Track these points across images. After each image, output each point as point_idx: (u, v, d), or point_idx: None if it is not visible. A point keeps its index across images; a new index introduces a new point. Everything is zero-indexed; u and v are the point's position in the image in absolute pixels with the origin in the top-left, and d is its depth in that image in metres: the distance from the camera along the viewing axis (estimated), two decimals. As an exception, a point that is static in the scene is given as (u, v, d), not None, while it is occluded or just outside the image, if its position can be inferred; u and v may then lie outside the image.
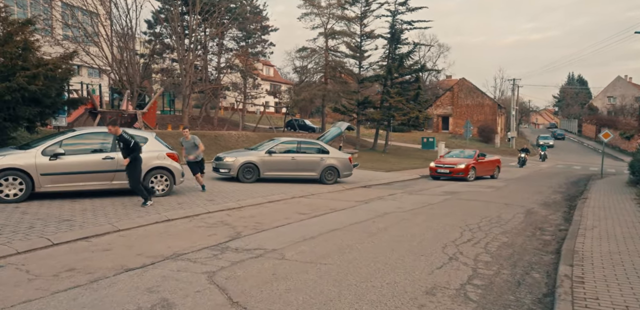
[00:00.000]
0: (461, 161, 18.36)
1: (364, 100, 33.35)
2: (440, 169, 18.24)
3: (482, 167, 19.05)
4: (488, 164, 19.70)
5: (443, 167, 18.23)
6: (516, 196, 13.05)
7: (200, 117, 39.29)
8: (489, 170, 19.74)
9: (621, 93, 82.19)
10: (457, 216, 8.77)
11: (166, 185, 9.82)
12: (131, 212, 8.00)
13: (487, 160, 19.67)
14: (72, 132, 9.19)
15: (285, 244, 6.12)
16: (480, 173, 18.87)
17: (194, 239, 6.44)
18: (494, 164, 20.25)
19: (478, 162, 18.77)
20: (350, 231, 7.02)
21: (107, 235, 6.61)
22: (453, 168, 17.94)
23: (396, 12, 33.86)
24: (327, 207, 9.67)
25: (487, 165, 19.55)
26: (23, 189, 8.39)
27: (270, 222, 7.82)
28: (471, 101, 55.91)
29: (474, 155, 19.25)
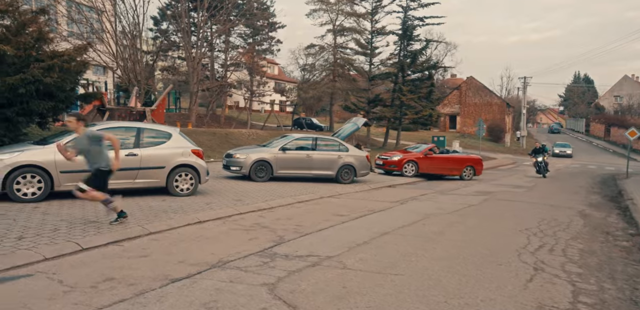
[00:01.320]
0: (401, 154, 16.87)
1: (375, 98, 32.75)
2: (378, 160, 17.13)
3: (432, 164, 16.72)
4: (444, 161, 17.15)
5: (380, 158, 17.03)
6: (555, 197, 12.46)
7: (207, 115, 38.69)
8: (450, 169, 17.25)
9: (628, 92, 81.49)
10: (510, 219, 8.16)
11: (191, 184, 9.22)
12: (159, 213, 7.40)
13: (442, 157, 17.21)
14: (94, 127, 8.58)
15: (338, 250, 5.53)
16: (430, 170, 16.67)
17: (235, 244, 5.85)
18: (460, 162, 17.53)
19: (425, 157, 16.53)
20: (403, 236, 6.42)
21: (138, 238, 6.03)
22: (387, 160, 16.64)
23: (407, 8, 33.21)
24: (363, 208, 9.08)
25: (442, 162, 17.03)
26: (42, 187, 7.80)
27: (311, 224, 7.22)
28: (479, 100, 55.23)
29: (423, 149, 17.14)
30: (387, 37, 34.34)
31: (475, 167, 17.77)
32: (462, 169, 17.42)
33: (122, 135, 8.73)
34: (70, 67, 10.89)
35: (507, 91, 72.89)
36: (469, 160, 17.89)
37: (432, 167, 16.80)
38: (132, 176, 8.58)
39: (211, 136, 24.42)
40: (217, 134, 24.86)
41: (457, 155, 18.26)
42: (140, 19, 27.22)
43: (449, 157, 17.66)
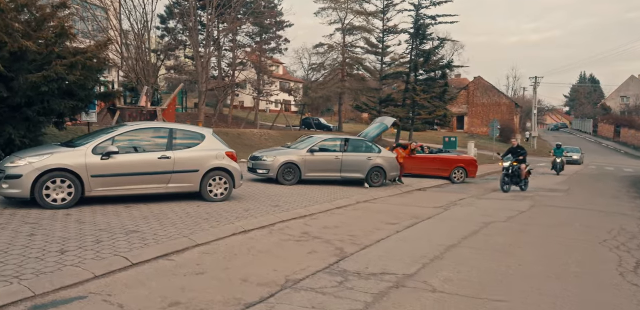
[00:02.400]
0: None
1: (387, 97, 32.23)
2: None
3: (417, 164, 15.43)
4: (430, 161, 16.01)
5: None
6: (599, 202, 12.03)
7: (215, 115, 38.17)
8: (436, 170, 16.01)
9: (635, 93, 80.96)
10: (574, 228, 7.61)
11: (225, 189, 8.69)
12: (200, 221, 6.89)
13: (427, 157, 16.15)
14: (125, 127, 8.08)
15: (413, 267, 5.01)
16: (414, 170, 15.36)
17: (296, 259, 5.33)
18: (449, 163, 16.16)
19: (409, 157, 14.78)
20: (474, 249, 5.90)
21: (187, 251, 5.51)
22: None
23: (420, 6, 32.67)
24: (407, 214, 8.56)
25: (427, 162, 15.91)
26: (72, 193, 7.27)
27: (364, 234, 6.71)
28: (487, 100, 54.75)
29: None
30: (399, 36, 33.77)
31: (467, 168, 16.23)
32: (450, 170, 16.05)
33: (157, 136, 8.23)
34: (92, 65, 10.39)
35: (514, 91, 72.42)
36: (459, 161, 16.46)
37: (416, 168, 15.51)
38: (166, 180, 8.06)
39: (224, 136, 23.84)
40: (229, 135, 24.38)
41: (446, 156, 16.82)
42: (149, 17, 26.72)
43: (436, 157, 16.49)
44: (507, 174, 13.39)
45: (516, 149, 14.00)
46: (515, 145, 14.26)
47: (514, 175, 13.47)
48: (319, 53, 38.21)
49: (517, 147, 14.09)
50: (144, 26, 26.92)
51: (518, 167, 13.61)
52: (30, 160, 7.09)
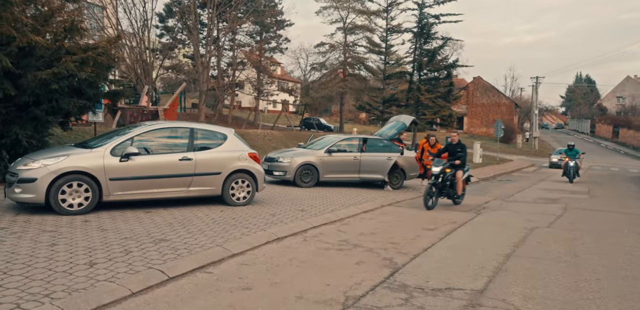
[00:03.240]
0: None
1: (390, 97, 31.87)
2: None
3: None
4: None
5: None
6: (627, 204, 11.75)
7: (215, 115, 37.63)
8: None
9: (631, 93, 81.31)
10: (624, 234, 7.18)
11: (248, 193, 8.22)
12: (228, 227, 6.42)
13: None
14: (143, 127, 7.58)
15: (478, 281, 4.58)
16: None
17: (345, 270, 4.89)
18: None
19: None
20: (533, 258, 5.47)
21: (224, 262, 5.05)
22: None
23: (423, 5, 32.40)
24: (441, 219, 8.14)
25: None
26: (89, 197, 6.78)
27: (406, 241, 6.27)
28: (487, 100, 54.54)
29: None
30: (402, 35, 33.38)
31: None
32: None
33: (177, 136, 7.75)
34: (103, 61, 9.87)
35: (512, 92, 72.39)
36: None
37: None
38: (187, 183, 7.58)
39: (228, 137, 23.39)
40: (234, 135, 23.80)
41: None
42: (148, 15, 26.14)
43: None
44: (434, 183, 9.22)
45: (455, 147, 9.82)
46: (455, 141, 9.92)
47: (445, 185, 9.44)
48: (320, 52, 37.79)
49: (456, 144, 9.84)
50: (143, 24, 26.38)
51: (452, 174, 9.49)
52: (45, 162, 6.59)
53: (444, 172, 9.30)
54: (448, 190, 9.56)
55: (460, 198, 10.09)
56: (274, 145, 23.39)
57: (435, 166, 9.35)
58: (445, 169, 9.35)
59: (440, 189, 9.39)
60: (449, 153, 9.91)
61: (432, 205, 9.15)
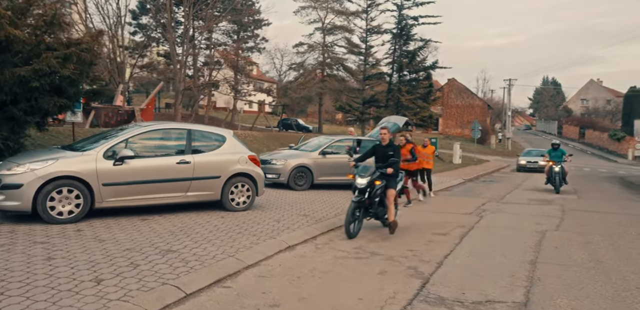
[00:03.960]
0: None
1: (370, 98, 31.80)
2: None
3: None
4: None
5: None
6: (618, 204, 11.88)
7: (191, 115, 36.72)
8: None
9: (594, 96, 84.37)
10: (634, 237, 7.13)
11: (247, 197, 7.81)
12: (234, 235, 6.02)
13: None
14: (138, 128, 7.07)
15: (516, 291, 4.37)
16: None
17: (371, 282, 4.60)
18: None
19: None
20: (560, 265, 5.29)
21: (240, 275, 4.68)
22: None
23: (402, 7, 32.47)
24: (447, 222, 7.95)
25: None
26: (80, 204, 6.26)
27: (424, 248, 6.03)
28: (461, 102, 55.43)
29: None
30: (382, 36, 33.37)
31: None
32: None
33: (174, 138, 7.28)
34: (86, 58, 9.26)
35: (484, 93, 73.91)
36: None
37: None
38: (184, 188, 7.13)
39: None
40: (214, 136, 23.19)
41: None
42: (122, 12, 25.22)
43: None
44: (360, 201, 6.52)
45: (384, 149, 7.06)
46: (385, 141, 7.17)
47: (372, 203, 6.73)
48: (299, 52, 37.43)
49: (387, 146, 7.09)
50: (116, 21, 25.44)
51: (382, 188, 6.83)
52: (31, 166, 6.04)
53: (372, 185, 6.64)
54: (376, 209, 6.80)
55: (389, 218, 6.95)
56: (256, 146, 22.86)
57: (360, 177, 6.61)
58: (375, 181, 6.67)
59: (366, 207, 6.67)
60: (377, 157, 7.09)
61: (354, 232, 6.46)
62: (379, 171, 6.79)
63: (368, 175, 6.65)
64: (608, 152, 50.71)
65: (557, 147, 14.64)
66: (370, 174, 6.69)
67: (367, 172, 6.70)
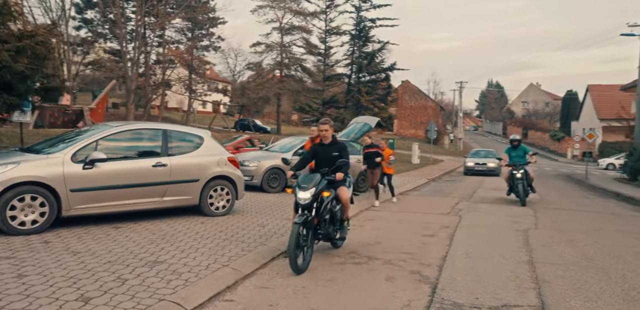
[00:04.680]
0: None
1: (330, 99, 31.79)
2: None
3: None
4: None
5: None
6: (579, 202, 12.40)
7: (144, 115, 35.19)
8: None
9: (534, 98, 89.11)
10: (610, 233, 7.34)
11: (227, 201, 7.40)
12: (221, 242, 5.64)
13: None
14: (109, 129, 6.48)
15: (527, 294, 4.30)
16: None
17: (380, 289, 4.39)
18: None
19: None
20: (557, 265, 5.31)
21: (240, 286, 4.34)
22: None
23: (360, 8, 32.75)
24: (430, 223, 7.90)
25: None
26: (45, 212, 5.64)
27: (419, 251, 5.91)
28: (415, 103, 56.70)
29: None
30: (341, 37, 33.47)
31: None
32: None
33: (148, 139, 6.75)
34: (42, 51, 8.49)
35: (434, 95, 76.07)
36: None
37: None
38: (161, 193, 6.62)
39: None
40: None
41: None
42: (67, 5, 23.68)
43: None
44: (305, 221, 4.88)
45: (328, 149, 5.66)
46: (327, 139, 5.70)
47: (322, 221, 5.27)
48: (257, 52, 36.79)
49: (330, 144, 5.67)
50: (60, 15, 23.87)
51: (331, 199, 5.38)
52: None
53: (319, 197, 5.14)
54: (327, 228, 5.31)
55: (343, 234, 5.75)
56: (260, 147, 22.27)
57: (301, 189, 5.08)
58: (322, 193, 5.17)
59: (315, 228, 5.16)
60: (319, 161, 5.65)
61: (304, 266, 4.83)
62: (325, 179, 5.22)
63: (312, 186, 5.04)
64: (549, 151, 53.55)
65: (518, 144, 11.18)
66: (315, 184, 5.07)
67: (310, 183, 5.08)
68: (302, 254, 4.81)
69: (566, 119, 59.39)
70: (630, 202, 12.68)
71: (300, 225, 4.76)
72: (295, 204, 5.17)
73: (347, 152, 5.60)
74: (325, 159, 5.56)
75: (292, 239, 4.64)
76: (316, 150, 5.73)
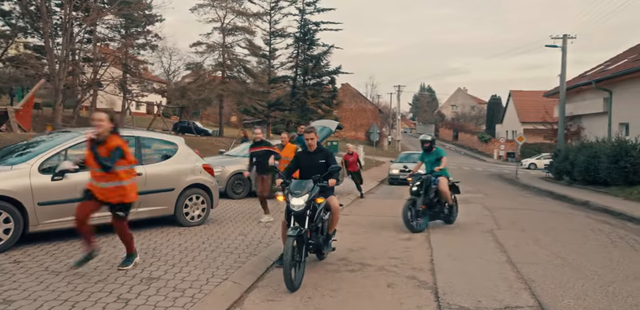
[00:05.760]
0: None
1: (276, 101, 31.63)
2: None
3: None
4: None
5: None
6: (520, 201, 13.21)
7: (73, 117, 32.98)
8: None
9: (461, 102, 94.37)
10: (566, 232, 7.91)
11: (202, 210, 7.15)
12: (210, 254, 5.46)
13: None
14: (77, 136, 6.01)
15: (520, 295, 4.56)
16: None
17: (386, 297, 4.46)
18: None
19: None
20: (535, 264, 5.62)
21: (246, 300, 4.24)
22: None
23: (304, 12, 32.90)
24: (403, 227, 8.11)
25: None
26: (10, 229, 5.14)
27: (404, 255, 6.05)
28: (354, 106, 57.92)
29: None
30: (286, 39, 33.38)
31: None
32: None
33: (121, 147, 6.33)
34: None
35: (372, 98, 78.02)
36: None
37: None
38: (135, 204, 6.25)
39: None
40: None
41: None
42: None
43: None
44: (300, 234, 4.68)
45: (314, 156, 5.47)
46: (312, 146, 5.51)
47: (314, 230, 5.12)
48: (198, 52, 35.72)
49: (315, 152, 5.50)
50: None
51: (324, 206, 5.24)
52: None
53: (312, 205, 4.97)
54: (318, 238, 5.13)
55: (331, 246, 5.55)
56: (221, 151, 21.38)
57: (294, 196, 4.90)
58: (316, 199, 5.05)
59: (303, 246, 4.79)
60: (304, 169, 5.48)
61: (297, 283, 4.54)
62: (317, 185, 5.07)
63: (305, 193, 4.88)
64: (477, 152, 56.95)
65: (430, 146, 8.33)
66: (308, 190, 4.92)
67: (303, 189, 4.92)
68: (293, 270, 4.49)
69: (491, 122, 63.53)
70: (564, 200, 13.79)
71: (294, 238, 4.55)
72: (286, 212, 4.99)
73: (334, 158, 5.51)
74: (312, 166, 5.42)
75: (287, 254, 4.40)
76: (300, 159, 5.60)
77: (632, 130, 18.08)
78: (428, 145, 8.40)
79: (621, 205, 11.29)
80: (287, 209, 4.98)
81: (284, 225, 5.09)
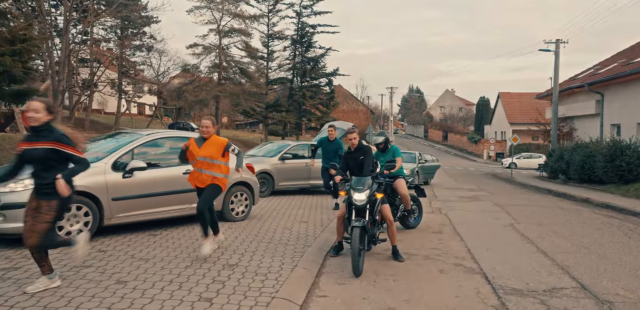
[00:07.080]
0: None
1: (274, 103, 32.01)
2: None
3: None
4: None
5: None
6: (525, 198, 13.84)
7: (71, 118, 32.86)
8: None
9: (449, 103, 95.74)
10: (580, 226, 8.64)
11: (246, 206, 7.60)
12: (267, 244, 5.91)
13: None
14: (144, 136, 6.43)
15: (562, 279, 5.13)
16: None
17: (444, 281, 4.98)
18: None
19: None
20: (565, 253, 6.23)
21: (321, 283, 4.69)
22: None
23: (301, 14, 33.36)
24: (430, 222, 8.65)
25: None
26: (89, 222, 5.54)
27: (443, 246, 6.59)
28: (347, 107, 58.55)
29: None
30: (284, 42, 33.78)
31: None
32: None
33: (175, 147, 6.76)
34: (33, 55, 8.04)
35: (362, 99, 78.80)
36: None
37: None
38: (190, 199, 6.67)
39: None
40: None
41: None
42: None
43: None
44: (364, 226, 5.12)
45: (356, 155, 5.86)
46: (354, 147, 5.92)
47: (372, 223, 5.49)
48: (195, 54, 35.90)
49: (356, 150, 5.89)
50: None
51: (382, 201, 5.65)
52: (30, 182, 5.15)
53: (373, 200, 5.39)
54: (374, 230, 5.56)
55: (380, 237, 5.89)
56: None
57: (357, 191, 5.23)
58: (376, 194, 5.48)
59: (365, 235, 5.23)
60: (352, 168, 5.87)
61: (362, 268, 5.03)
62: (375, 182, 5.55)
63: (367, 188, 5.23)
64: (467, 152, 57.97)
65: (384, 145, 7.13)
66: (368, 186, 5.27)
67: (364, 185, 5.24)
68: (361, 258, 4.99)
69: (480, 123, 64.74)
70: (565, 197, 14.51)
71: (359, 228, 5.03)
72: (347, 205, 5.45)
73: (371, 154, 5.86)
74: (355, 164, 5.89)
75: (354, 243, 4.89)
76: (346, 158, 6.08)
77: (624, 131, 18.97)
78: (384, 144, 7.09)
79: (621, 202, 12.03)
80: (347, 203, 5.45)
81: (340, 219, 5.62)
